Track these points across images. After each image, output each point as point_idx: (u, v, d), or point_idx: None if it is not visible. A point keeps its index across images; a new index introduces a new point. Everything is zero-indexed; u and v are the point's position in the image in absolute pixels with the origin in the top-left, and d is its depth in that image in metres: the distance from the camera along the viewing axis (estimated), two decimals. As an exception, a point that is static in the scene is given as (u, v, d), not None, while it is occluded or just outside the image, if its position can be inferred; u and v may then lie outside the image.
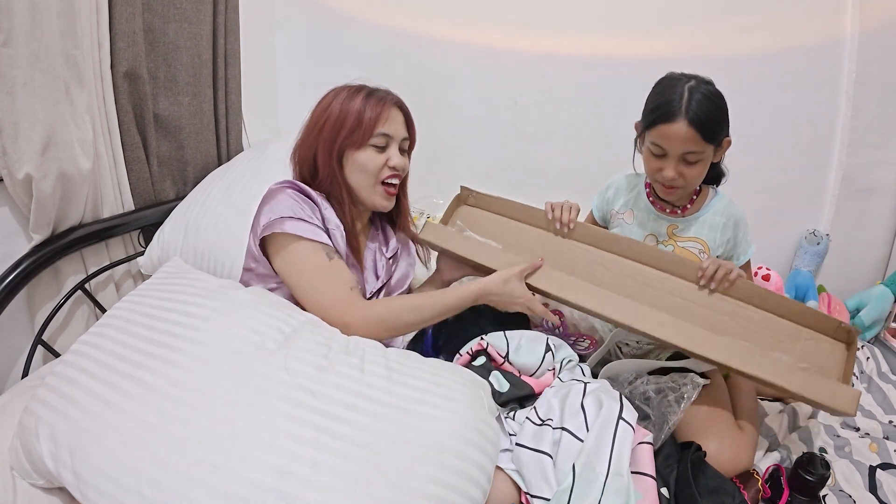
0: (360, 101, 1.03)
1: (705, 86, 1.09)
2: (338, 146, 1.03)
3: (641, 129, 1.16)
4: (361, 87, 1.06)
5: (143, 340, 0.78)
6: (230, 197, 1.32)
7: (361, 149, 1.03)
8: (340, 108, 1.03)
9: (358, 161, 1.04)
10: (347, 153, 1.04)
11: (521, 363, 1.00)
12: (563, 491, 0.74)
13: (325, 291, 0.95)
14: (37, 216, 1.04)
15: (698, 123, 1.05)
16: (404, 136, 1.08)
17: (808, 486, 0.92)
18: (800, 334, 1.03)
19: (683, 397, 0.97)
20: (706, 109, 1.06)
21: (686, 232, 1.23)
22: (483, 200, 1.26)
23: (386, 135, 1.04)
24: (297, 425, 0.68)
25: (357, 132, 1.02)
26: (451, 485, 0.68)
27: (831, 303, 1.70)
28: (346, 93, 1.05)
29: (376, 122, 1.02)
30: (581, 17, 1.77)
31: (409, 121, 1.10)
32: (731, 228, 1.21)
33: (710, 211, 1.23)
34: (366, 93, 1.05)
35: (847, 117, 1.73)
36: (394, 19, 1.87)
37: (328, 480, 0.64)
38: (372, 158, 1.03)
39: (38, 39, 0.97)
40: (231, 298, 0.86)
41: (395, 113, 1.06)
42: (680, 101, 1.06)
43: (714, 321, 1.05)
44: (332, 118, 1.03)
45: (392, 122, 1.05)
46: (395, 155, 1.05)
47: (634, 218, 1.27)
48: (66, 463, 0.68)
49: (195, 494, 0.62)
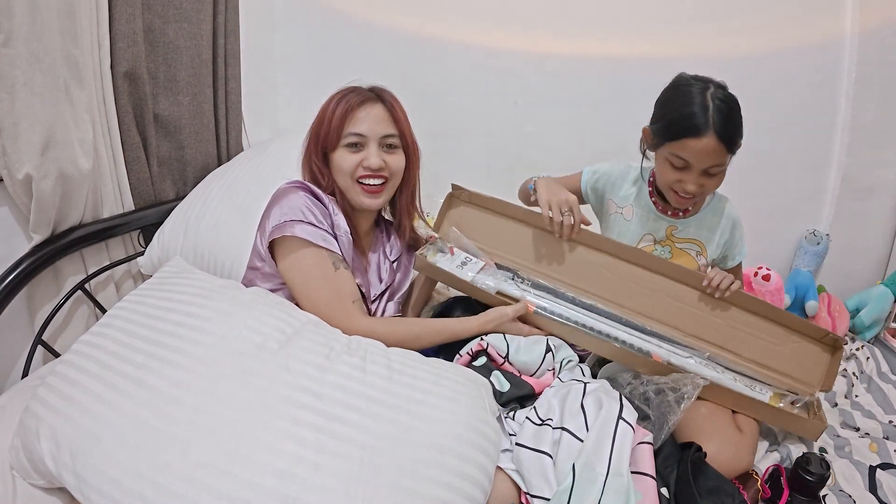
0: (335, 103, 1.03)
1: (723, 92, 1.06)
2: (320, 149, 1.04)
3: (658, 139, 1.11)
4: (351, 88, 1.05)
5: (144, 341, 0.78)
6: (230, 197, 1.32)
7: (336, 150, 1.03)
8: (321, 111, 1.05)
9: (335, 163, 1.04)
10: (329, 156, 1.05)
11: (521, 363, 1.00)
12: (564, 491, 0.74)
13: (327, 303, 0.94)
14: (37, 216, 1.04)
15: (727, 138, 1.02)
16: (385, 133, 1.04)
17: (808, 486, 0.92)
18: (789, 337, 1.11)
19: (683, 398, 0.97)
20: (731, 120, 1.03)
21: (684, 233, 1.23)
22: (476, 198, 1.24)
23: (357, 134, 1.02)
24: (298, 427, 0.68)
25: (330, 134, 1.02)
26: (452, 486, 0.68)
27: (831, 303, 1.70)
28: (333, 96, 1.05)
29: (343, 123, 1.01)
30: (581, 17, 1.77)
31: (395, 116, 1.06)
32: (728, 230, 1.21)
33: (709, 212, 1.22)
34: (344, 93, 1.04)
35: (847, 117, 1.73)
36: (394, 19, 1.87)
37: (329, 482, 0.64)
38: (345, 158, 1.03)
39: (38, 39, 0.97)
40: (232, 299, 0.86)
41: (370, 109, 1.03)
42: (706, 114, 1.02)
43: (710, 324, 1.11)
44: (315, 123, 1.05)
45: (364, 121, 1.02)
46: (371, 154, 1.02)
47: (634, 215, 1.25)
48: (67, 464, 0.68)
49: (197, 496, 0.62)
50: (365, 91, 1.05)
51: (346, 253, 1.01)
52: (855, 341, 1.63)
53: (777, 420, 1.07)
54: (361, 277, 1.08)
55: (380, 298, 1.14)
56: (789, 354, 1.11)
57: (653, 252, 1.23)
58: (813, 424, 1.03)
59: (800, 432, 1.07)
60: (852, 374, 1.41)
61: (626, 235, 1.26)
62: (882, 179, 1.77)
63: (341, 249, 1.00)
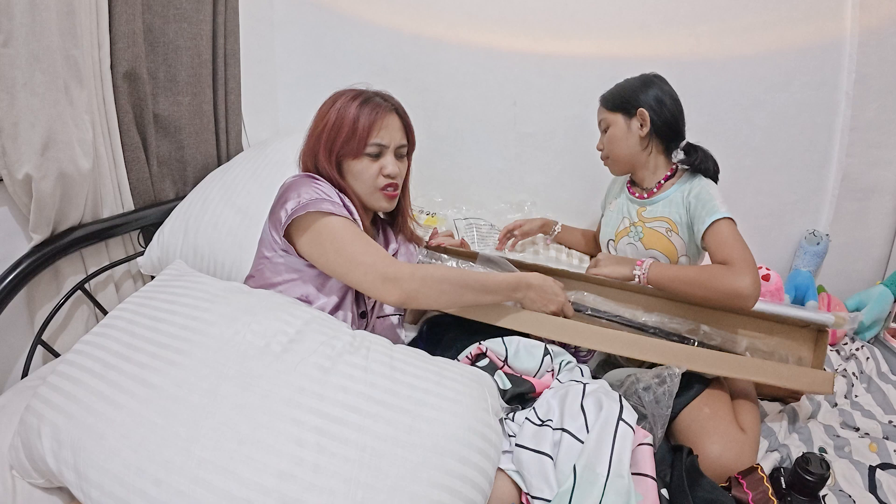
0: (355, 110, 1.01)
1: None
2: (335, 155, 1.03)
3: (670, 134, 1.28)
4: (360, 92, 1.05)
5: (147, 342, 0.78)
6: (230, 197, 1.33)
7: (357, 158, 1.03)
8: (337, 116, 1.02)
9: (354, 171, 1.04)
10: (344, 162, 1.04)
11: (520, 367, 1.00)
12: (564, 492, 0.74)
13: (366, 251, 0.94)
14: (36, 216, 1.04)
15: (604, 99, 1.37)
16: (401, 143, 1.07)
17: (808, 486, 0.91)
18: (773, 328, 1.15)
19: (667, 392, 0.97)
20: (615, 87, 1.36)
21: (653, 213, 1.31)
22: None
23: (380, 144, 1.03)
24: (299, 429, 0.68)
25: (352, 142, 1.01)
26: (451, 489, 0.68)
27: (831, 303, 1.70)
28: (343, 99, 1.04)
29: (370, 132, 1.01)
30: (581, 17, 1.77)
31: (407, 126, 1.09)
32: (692, 200, 1.23)
33: (676, 190, 1.28)
34: (362, 100, 1.03)
35: (847, 117, 1.73)
36: (394, 19, 1.87)
37: (329, 483, 0.64)
38: (367, 168, 1.03)
39: (38, 39, 0.97)
40: (236, 302, 0.86)
41: (391, 120, 1.05)
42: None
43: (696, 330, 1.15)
44: (328, 126, 1.02)
45: (387, 131, 1.03)
46: (389, 163, 1.04)
47: (616, 205, 1.42)
48: (69, 461, 0.68)
49: (198, 494, 0.62)
50: (381, 101, 1.05)
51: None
52: (855, 341, 1.63)
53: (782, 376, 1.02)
54: None
55: None
56: (774, 343, 1.14)
57: (628, 233, 1.36)
58: (820, 375, 1.02)
59: (809, 388, 1.02)
60: (852, 374, 1.42)
61: (609, 223, 1.43)
62: (882, 179, 1.77)
63: None
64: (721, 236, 1.15)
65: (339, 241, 0.94)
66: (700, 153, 1.27)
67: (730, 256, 1.11)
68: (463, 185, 1.96)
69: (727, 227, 1.16)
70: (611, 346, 1.04)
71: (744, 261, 1.10)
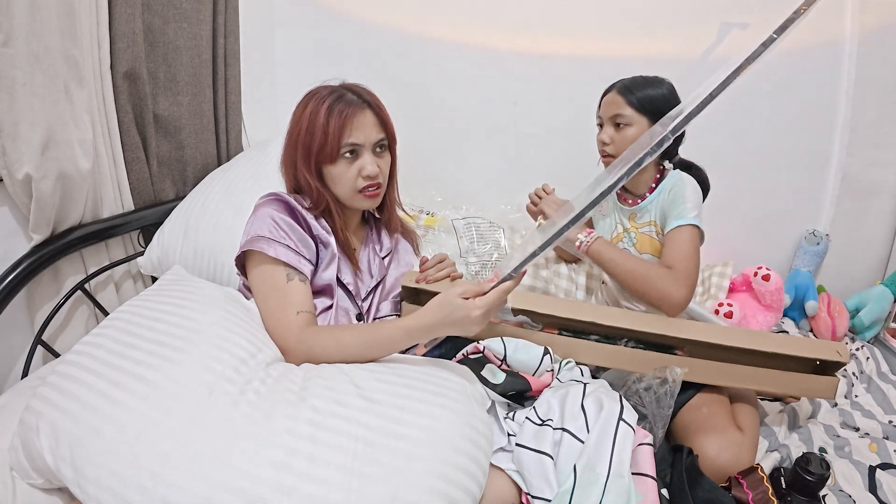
0: (325, 114, 0.99)
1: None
2: (314, 163, 1.02)
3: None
4: (331, 91, 1.02)
5: (144, 340, 0.79)
6: (230, 197, 1.32)
7: (334, 163, 1.01)
8: (308, 122, 1.00)
9: (333, 175, 1.02)
10: (324, 168, 1.03)
11: (519, 366, 1.00)
12: (565, 492, 0.75)
13: (272, 313, 0.94)
14: (36, 216, 1.04)
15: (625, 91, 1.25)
16: (377, 139, 1.03)
17: (808, 486, 0.92)
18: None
19: (668, 392, 0.98)
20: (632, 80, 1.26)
21: (643, 219, 1.29)
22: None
23: (354, 143, 1.00)
24: (293, 421, 0.70)
25: (326, 148, 0.99)
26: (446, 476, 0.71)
27: (831, 303, 1.70)
28: (314, 102, 1.01)
29: (341, 135, 0.99)
30: (581, 18, 1.77)
31: (382, 120, 1.04)
32: (665, 197, 1.22)
33: (658, 192, 1.26)
34: (331, 101, 1.00)
35: (847, 117, 1.73)
36: (394, 19, 1.87)
37: (324, 472, 0.66)
38: (345, 171, 1.01)
39: (38, 39, 0.97)
40: (231, 309, 0.89)
41: (363, 117, 1.01)
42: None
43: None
44: (302, 134, 1.01)
45: (360, 129, 1.00)
46: (368, 162, 1.01)
47: (609, 210, 1.37)
48: (66, 458, 0.68)
49: (195, 486, 0.63)
50: (351, 98, 1.01)
51: (324, 257, 1.02)
52: (855, 341, 1.63)
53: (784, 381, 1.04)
54: (351, 275, 1.08)
55: (372, 294, 1.13)
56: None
57: (622, 239, 1.32)
58: (823, 380, 1.01)
59: (812, 393, 1.03)
60: (852, 374, 1.42)
61: (604, 230, 1.38)
62: (882, 179, 1.77)
63: (317, 255, 1.01)
64: (677, 242, 1.15)
65: (261, 293, 0.96)
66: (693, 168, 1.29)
67: (677, 263, 1.12)
68: (463, 185, 1.96)
69: (689, 234, 1.15)
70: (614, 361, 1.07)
71: (687, 273, 1.11)
